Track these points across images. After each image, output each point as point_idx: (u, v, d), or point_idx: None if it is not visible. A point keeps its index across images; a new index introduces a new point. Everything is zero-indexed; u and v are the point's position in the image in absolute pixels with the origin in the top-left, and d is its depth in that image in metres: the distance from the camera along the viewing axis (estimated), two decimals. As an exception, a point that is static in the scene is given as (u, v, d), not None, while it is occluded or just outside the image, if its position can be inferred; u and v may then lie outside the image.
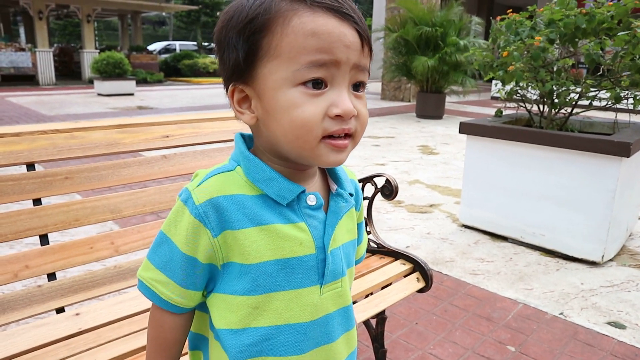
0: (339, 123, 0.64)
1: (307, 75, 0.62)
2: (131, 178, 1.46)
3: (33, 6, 16.09)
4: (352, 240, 0.79)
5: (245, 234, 0.66)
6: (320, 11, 0.62)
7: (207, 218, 0.66)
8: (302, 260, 0.69)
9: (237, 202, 0.67)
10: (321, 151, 0.64)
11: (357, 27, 0.64)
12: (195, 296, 0.72)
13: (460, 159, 5.56)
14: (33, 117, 8.39)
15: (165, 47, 25.02)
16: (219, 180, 0.68)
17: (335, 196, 0.74)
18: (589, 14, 2.79)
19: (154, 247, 0.71)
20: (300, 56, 0.62)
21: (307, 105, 0.62)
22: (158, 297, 0.71)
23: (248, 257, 0.67)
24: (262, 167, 0.69)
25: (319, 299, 0.72)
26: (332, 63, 0.62)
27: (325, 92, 0.63)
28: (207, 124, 1.65)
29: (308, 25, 0.61)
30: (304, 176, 0.72)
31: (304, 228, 0.69)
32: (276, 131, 0.65)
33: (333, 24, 0.62)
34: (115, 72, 12.33)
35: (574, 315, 2.27)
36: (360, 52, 0.65)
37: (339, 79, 0.64)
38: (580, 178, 2.77)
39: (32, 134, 1.33)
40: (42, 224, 1.30)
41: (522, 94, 3.28)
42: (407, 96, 12.22)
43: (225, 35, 0.66)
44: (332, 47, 0.62)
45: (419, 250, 3.00)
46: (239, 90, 0.68)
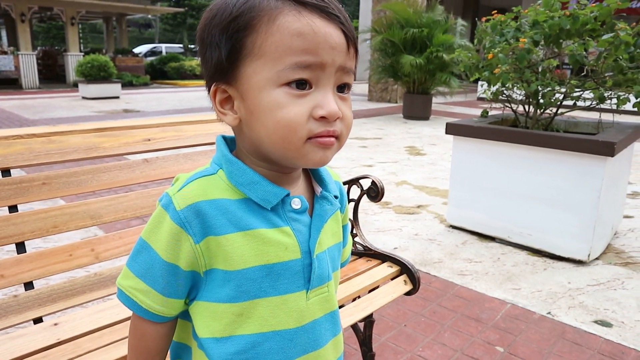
0: (323, 124, 0.62)
1: (291, 75, 0.61)
2: (112, 183, 1.43)
3: (15, 9, 15.86)
4: (337, 243, 0.78)
5: (228, 240, 0.64)
6: (306, 11, 0.61)
7: (189, 224, 0.64)
8: (287, 265, 0.67)
9: (220, 206, 0.65)
10: (306, 151, 0.63)
11: (343, 27, 0.63)
12: (177, 304, 0.69)
13: (447, 160, 5.58)
14: (16, 122, 8.25)
15: (151, 50, 24.84)
16: (200, 184, 0.66)
17: (320, 199, 0.72)
18: (573, 15, 2.81)
19: (133, 255, 0.69)
20: (285, 56, 0.60)
21: (292, 106, 0.61)
22: (138, 306, 0.68)
23: (232, 263, 0.65)
24: (245, 170, 0.67)
25: (306, 305, 0.70)
26: (318, 65, 0.61)
27: (310, 93, 0.62)
28: (189, 126, 1.62)
29: (293, 25, 0.60)
30: (288, 179, 0.70)
31: (289, 232, 0.68)
32: (260, 132, 0.64)
33: (319, 24, 0.61)
34: (100, 75, 12.21)
35: (561, 314, 2.28)
36: (346, 54, 0.64)
37: (324, 80, 0.62)
38: (566, 177, 2.79)
39: (7, 139, 1.29)
40: (18, 232, 1.26)
41: (507, 94, 3.29)
42: (394, 97, 12.26)
43: (208, 34, 0.65)
44: (318, 48, 0.61)
45: (407, 252, 2.99)
46: (221, 91, 0.66)
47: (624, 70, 2.78)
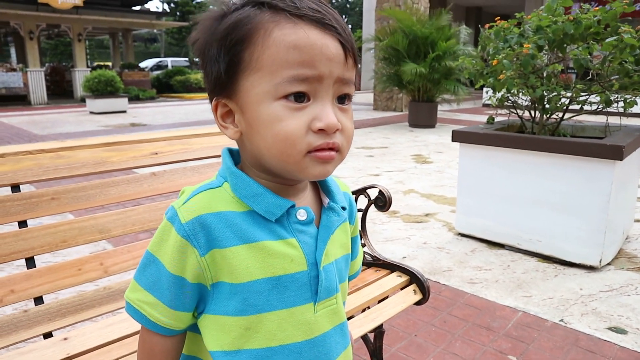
0: (322, 137, 0.62)
1: (289, 89, 0.60)
2: (120, 197, 1.43)
3: (24, 27, 16.12)
4: (345, 255, 0.77)
5: (233, 252, 0.64)
6: (302, 22, 0.61)
7: (194, 236, 0.64)
8: (293, 277, 0.67)
9: (225, 219, 0.65)
10: (306, 164, 0.62)
11: (341, 38, 0.62)
12: (185, 317, 0.69)
13: (454, 167, 5.56)
14: (25, 137, 8.34)
15: (157, 64, 25.08)
16: (205, 197, 0.66)
17: (327, 210, 0.72)
18: (576, 19, 2.81)
19: (140, 268, 0.69)
20: (282, 70, 0.60)
21: (290, 120, 0.61)
22: (146, 319, 0.68)
23: (237, 276, 0.65)
24: (249, 182, 0.67)
25: (313, 317, 0.69)
26: (315, 77, 0.61)
27: (308, 105, 0.61)
28: (196, 139, 1.63)
29: (289, 37, 0.60)
30: (293, 190, 0.70)
31: (295, 244, 0.67)
32: (260, 145, 0.64)
33: (315, 36, 0.60)
34: (107, 90, 12.35)
35: (574, 321, 2.25)
36: (344, 64, 0.63)
37: (322, 92, 0.62)
38: (575, 183, 2.77)
39: (16, 155, 1.30)
40: (28, 247, 1.27)
41: (513, 100, 3.29)
42: (399, 106, 12.28)
43: (208, 48, 0.65)
44: (314, 60, 0.60)
45: (415, 261, 2.97)
46: (222, 105, 0.67)
47: (630, 73, 2.76)
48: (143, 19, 20.58)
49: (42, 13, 16.27)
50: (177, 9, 32.26)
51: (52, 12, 16.55)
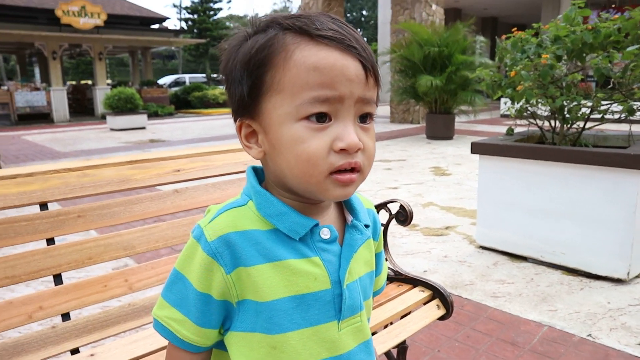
0: (344, 157, 0.62)
1: (310, 110, 0.61)
2: (143, 214, 1.46)
3: (47, 47, 16.60)
4: (369, 272, 0.77)
5: (258, 271, 0.65)
6: (323, 44, 0.62)
7: (220, 255, 0.65)
8: (317, 295, 0.67)
9: (250, 237, 0.66)
10: (327, 186, 0.63)
11: (361, 58, 0.63)
12: (212, 334, 0.70)
13: (473, 179, 5.51)
14: (47, 155, 8.54)
15: (175, 81, 25.53)
16: (230, 215, 0.67)
17: (351, 228, 0.72)
18: (595, 29, 2.78)
19: (168, 285, 0.70)
20: (302, 91, 0.61)
21: (312, 140, 0.62)
22: (174, 336, 0.69)
23: (262, 295, 0.65)
24: (273, 201, 0.68)
25: (338, 335, 0.69)
26: (336, 98, 0.61)
27: (329, 125, 0.62)
28: (217, 156, 1.65)
29: (310, 59, 0.61)
30: (317, 209, 0.71)
31: (318, 263, 0.67)
32: (282, 166, 0.65)
33: (335, 57, 0.61)
34: (127, 107, 12.59)
35: (602, 336, 2.19)
36: (365, 84, 0.63)
37: (344, 112, 0.63)
38: (599, 193, 2.72)
39: (44, 174, 1.33)
40: (55, 264, 1.29)
41: (532, 110, 3.25)
42: (416, 118, 12.25)
43: (231, 69, 0.67)
44: (335, 81, 0.61)
45: (436, 275, 2.94)
46: (245, 125, 0.68)
47: (653, 82, 2.72)
48: (161, 37, 21.04)
49: (65, 34, 16.76)
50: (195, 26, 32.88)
51: (74, 32, 17.04)
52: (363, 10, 48.94)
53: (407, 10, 11.89)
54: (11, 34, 15.64)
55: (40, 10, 17.20)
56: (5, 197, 1.26)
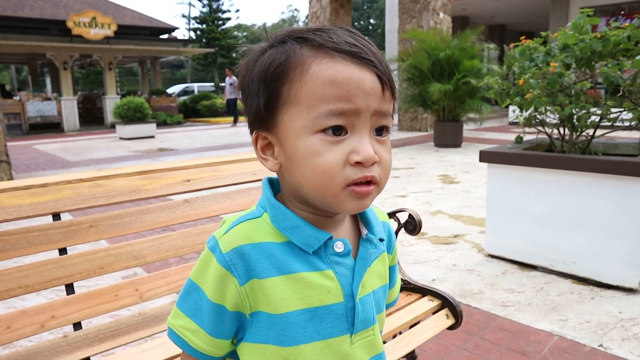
0: (360, 170, 0.63)
1: (326, 123, 0.62)
2: (154, 223, 1.47)
3: (58, 57, 16.83)
4: (383, 285, 0.77)
5: (271, 283, 0.65)
6: (339, 57, 0.62)
7: (234, 266, 0.65)
8: (330, 309, 0.67)
9: (264, 250, 0.66)
10: (344, 198, 0.63)
11: (377, 71, 0.63)
12: (224, 345, 0.70)
13: (482, 187, 5.48)
14: (58, 164, 8.62)
15: (183, 90, 25.74)
16: (245, 227, 0.68)
17: (365, 242, 0.72)
18: (604, 37, 2.78)
19: (183, 295, 0.71)
20: (319, 104, 0.62)
21: (328, 153, 0.62)
22: (188, 345, 0.70)
23: (275, 307, 0.66)
24: (287, 214, 0.68)
25: (350, 349, 0.69)
26: (352, 111, 0.62)
27: (345, 138, 0.63)
28: (227, 166, 1.67)
29: (326, 73, 0.61)
30: (331, 222, 0.71)
31: (332, 276, 0.68)
32: (299, 178, 0.65)
33: (351, 70, 0.62)
34: (136, 116, 12.69)
35: (614, 347, 2.16)
36: (381, 97, 0.64)
37: (360, 125, 0.63)
38: (609, 202, 2.70)
39: (57, 184, 1.35)
40: (67, 274, 1.31)
41: (541, 118, 3.25)
42: (424, 126, 12.24)
43: (248, 82, 0.67)
44: (351, 94, 0.61)
45: (445, 283, 2.93)
46: (262, 137, 0.69)
47: (663, 90, 2.71)
48: (170, 46, 21.26)
49: (76, 44, 16.99)
50: (203, 36, 33.19)
51: (84, 43, 17.27)
52: (370, 18, 49.14)
53: (415, 18, 11.93)
54: (24, 45, 15.89)
55: (52, 22, 17.47)
56: (19, 207, 1.28)
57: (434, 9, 11.73)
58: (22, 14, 17.25)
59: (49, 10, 18.17)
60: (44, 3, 18.48)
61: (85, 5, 19.04)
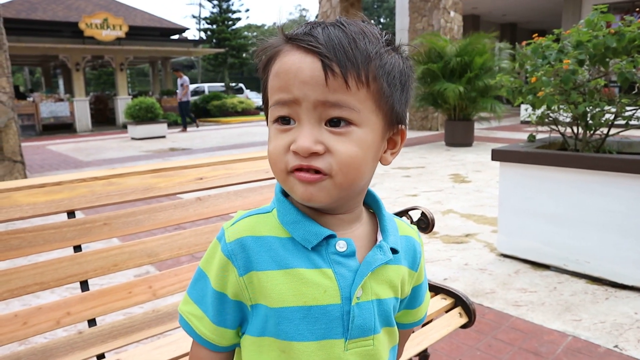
0: (298, 159, 0.63)
1: (275, 113, 0.65)
2: (167, 221, 1.48)
3: (71, 59, 17.01)
4: (394, 297, 0.73)
5: (268, 276, 0.66)
6: (292, 49, 0.63)
7: (235, 256, 0.67)
8: (325, 309, 0.66)
9: (265, 243, 0.67)
10: (292, 183, 0.65)
11: (325, 59, 0.60)
12: (227, 334, 0.71)
13: (493, 186, 5.44)
14: (71, 164, 8.72)
15: (194, 90, 25.85)
16: (252, 221, 0.70)
17: (376, 248, 0.70)
18: (618, 33, 2.75)
19: (193, 282, 0.73)
20: (271, 96, 0.66)
21: (275, 141, 0.65)
22: (194, 332, 0.72)
23: (271, 301, 0.66)
24: (290, 209, 0.69)
25: (343, 355, 0.67)
26: (292, 101, 0.63)
27: (292, 127, 0.64)
28: (239, 164, 1.67)
29: (275, 66, 0.65)
30: (336, 220, 0.69)
31: (330, 275, 0.66)
32: None
33: (293, 61, 0.62)
34: (147, 116, 12.78)
35: (630, 347, 2.14)
36: (324, 87, 0.60)
37: (302, 116, 0.63)
38: (623, 201, 2.66)
39: (71, 183, 1.36)
40: (82, 271, 1.32)
41: (553, 117, 3.21)
42: (434, 125, 12.18)
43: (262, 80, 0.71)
44: (288, 85, 0.62)
45: (457, 282, 2.91)
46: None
47: (679, 87, 2.66)
48: (181, 47, 21.38)
49: (88, 46, 17.17)
50: (214, 36, 33.30)
51: (96, 44, 17.45)
52: (381, 18, 49.01)
53: (425, 17, 11.88)
54: (37, 47, 16.08)
55: (64, 24, 17.67)
56: (34, 205, 1.30)
57: (445, 8, 11.67)
58: (35, 16, 17.47)
59: (62, 13, 18.37)
60: (56, 5, 18.69)
61: (97, 7, 19.23)
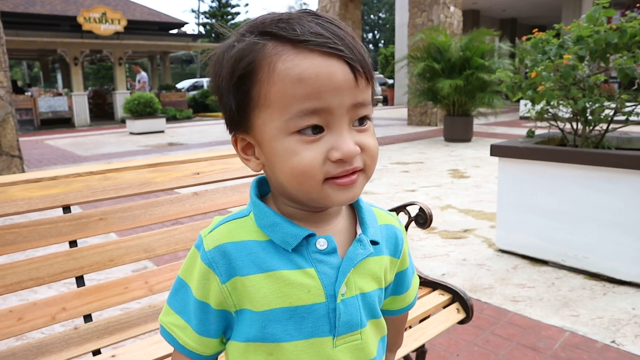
0: (341, 166, 0.60)
1: (300, 123, 0.59)
2: (163, 216, 1.47)
3: (69, 53, 16.94)
4: (378, 289, 0.73)
5: (251, 281, 0.65)
6: (305, 51, 0.58)
7: (216, 264, 0.65)
8: (311, 308, 0.65)
9: (245, 248, 0.65)
10: (328, 192, 0.61)
11: (349, 59, 0.59)
12: (212, 344, 0.70)
13: (492, 182, 5.44)
14: (69, 159, 8.69)
15: (193, 85, 25.76)
16: (229, 227, 0.68)
17: (356, 242, 0.69)
18: (620, 28, 2.73)
19: (172, 292, 0.71)
20: (290, 105, 0.58)
21: (306, 152, 0.59)
22: (177, 343, 0.70)
23: (256, 305, 0.65)
24: (266, 212, 0.67)
25: (333, 352, 0.67)
26: (324, 109, 0.58)
27: (323, 136, 0.60)
28: (236, 159, 1.66)
29: (293, 71, 0.58)
30: (323, 217, 0.69)
31: (313, 274, 0.65)
32: (280, 178, 0.64)
33: (319, 65, 0.58)
34: (146, 111, 12.73)
35: (627, 343, 2.14)
36: (355, 89, 0.60)
37: (335, 122, 0.60)
38: (622, 197, 2.66)
39: (67, 177, 1.35)
40: (78, 266, 1.31)
41: (553, 112, 3.20)
42: (433, 120, 12.17)
43: (219, 83, 0.64)
44: (321, 92, 0.58)
45: (455, 278, 2.91)
46: (240, 139, 0.67)
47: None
48: (180, 41, 21.30)
49: (86, 40, 17.10)
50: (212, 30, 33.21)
51: (95, 38, 17.37)
52: (380, 12, 48.85)
53: (425, 12, 11.83)
54: (35, 42, 16.00)
55: (62, 18, 17.59)
56: (29, 200, 1.29)
57: (445, 3, 11.63)
58: (33, 10, 17.38)
59: (60, 7, 18.29)
60: (54, -1, 18.62)
61: (95, 1, 19.12)
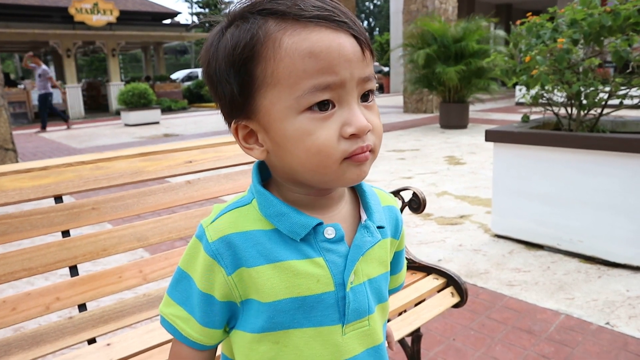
0: (356, 142, 0.59)
1: (312, 99, 0.57)
2: (156, 205, 1.47)
3: (62, 45, 16.78)
4: (384, 273, 0.73)
5: (259, 272, 0.63)
6: (311, 24, 0.57)
7: (221, 256, 0.63)
8: (320, 298, 0.64)
9: (251, 238, 0.64)
10: (343, 170, 0.60)
11: (354, 32, 0.59)
12: (215, 334, 0.69)
13: (488, 168, 5.45)
14: (64, 151, 8.65)
15: (187, 75, 25.61)
16: (232, 216, 0.66)
17: (362, 228, 0.68)
18: (614, 11, 2.72)
19: (173, 283, 0.70)
20: (301, 81, 0.57)
21: (320, 131, 0.58)
22: (179, 333, 0.69)
23: (263, 295, 0.64)
24: (272, 201, 0.65)
25: (342, 339, 0.66)
26: (337, 83, 0.57)
27: (334, 112, 0.59)
28: (229, 147, 1.65)
29: (302, 45, 0.56)
30: (327, 202, 0.68)
31: (322, 264, 0.64)
32: (292, 162, 0.61)
33: (329, 37, 0.57)
34: (140, 102, 12.65)
35: (621, 324, 2.15)
36: (362, 61, 0.60)
37: (347, 96, 0.59)
38: (616, 180, 2.66)
39: (58, 167, 1.35)
40: (71, 256, 1.31)
41: (548, 97, 3.20)
42: (429, 108, 12.14)
43: (215, 70, 0.61)
44: (333, 64, 0.57)
45: (451, 263, 2.92)
46: (242, 127, 0.64)
47: (673, 65, 2.65)
48: (173, 32, 21.11)
49: (79, 31, 16.92)
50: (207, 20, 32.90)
51: (87, 29, 17.19)
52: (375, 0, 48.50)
53: (419, -2, 11.73)
54: (26, 33, 15.83)
55: (54, 9, 17.38)
56: (20, 190, 1.28)
57: (439, -11, 11.53)
58: (23, 1, 17.16)
59: (51, -3, 18.08)
60: (45, -10, 18.39)
61: (87, -8, 18.92)
